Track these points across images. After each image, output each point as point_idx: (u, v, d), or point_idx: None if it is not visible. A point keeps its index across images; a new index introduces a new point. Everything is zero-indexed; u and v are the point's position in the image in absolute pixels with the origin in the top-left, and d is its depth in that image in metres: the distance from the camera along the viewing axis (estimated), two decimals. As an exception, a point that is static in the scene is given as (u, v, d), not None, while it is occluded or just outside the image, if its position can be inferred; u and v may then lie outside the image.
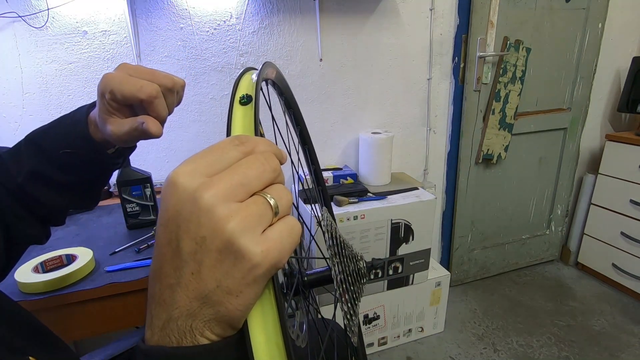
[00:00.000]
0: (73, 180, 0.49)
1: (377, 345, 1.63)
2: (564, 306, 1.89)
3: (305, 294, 0.41)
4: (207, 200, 0.22)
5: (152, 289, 0.24)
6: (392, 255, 1.47)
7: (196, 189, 0.22)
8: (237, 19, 1.35)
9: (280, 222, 0.24)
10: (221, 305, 0.22)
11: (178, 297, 0.23)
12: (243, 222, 0.22)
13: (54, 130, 0.48)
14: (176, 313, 0.23)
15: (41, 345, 0.41)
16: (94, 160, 0.49)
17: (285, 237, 0.24)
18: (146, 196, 1.06)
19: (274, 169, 0.25)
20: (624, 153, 1.84)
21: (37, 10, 1.14)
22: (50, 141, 0.47)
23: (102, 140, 0.47)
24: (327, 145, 1.64)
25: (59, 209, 0.53)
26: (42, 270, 0.83)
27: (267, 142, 0.27)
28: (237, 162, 0.25)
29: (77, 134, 0.47)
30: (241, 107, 0.31)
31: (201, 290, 0.22)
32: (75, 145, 0.47)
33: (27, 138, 0.48)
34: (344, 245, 0.41)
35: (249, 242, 0.22)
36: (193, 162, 0.24)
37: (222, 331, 0.23)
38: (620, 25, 1.91)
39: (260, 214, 0.23)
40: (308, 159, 0.55)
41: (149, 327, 0.24)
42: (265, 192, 0.24)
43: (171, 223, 0.23)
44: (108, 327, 0.87)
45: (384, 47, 1.57)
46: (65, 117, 0.49)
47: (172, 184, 0.23)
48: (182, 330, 0.23)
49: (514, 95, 1.76)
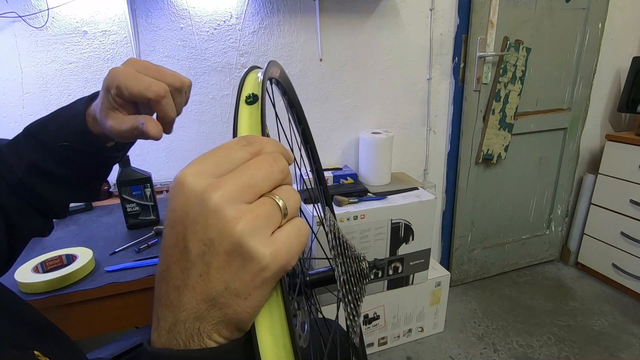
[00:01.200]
0: (72, 174, 0.49)
1: (377, 345, 1.63)
2: (564, 306, 1.89)
3: (308, 294, 0.41)
4: (215, 202, 0.21)
5: (158, 291, 0.24)
6: (392, 255, 1.46)
7: (204, 189, 0.22)
8: (237, 19, 1.35)
9: (288, 224, 0.24)
10: (229, 307, 0.22)
11: (185, 299, 0.22)
12: (252, 224, 0.22)
13: (52, 122, 0.47)
14: (183, 315, 0.22)
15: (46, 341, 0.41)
16: (92, 154, 0.48)
17: (293, 239, 0.24)
18: (146, 196, 1.06)
19: (282, 170, 0.25)
20: (624, 153, 1.84)
21: (37, 10, 1.14)
22: (48, 134, 0.46)
23: (100, 134, 0.46)
24: (327, 145, 1.64)
25: (60, 202, 0.52)
26: (42, 270, 0.82)
27: (275, 142, 0.27)
28: (245, 162, 0.24)
29: (75, 126, 0.46)
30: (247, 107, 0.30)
31: (209, 292, 0.22)
32: (73, 138, 0.46)
33: (26, 130, 0.47)
34: (347, 246, 0.40)
35: (258, 244, 0.22)
36: (201, 163, 0.23)
37: (230, 334, 0.23)
38: (620, 25, 1.91)
39: (268, 215, 0.23)
40: (310, 159, 0.55)
41: (156, 329, 0.24)
42: (274, 194, 0.24)
43: (178, 224, 0.22)
44: (108, 327, 0.87)
45: (384, 47, 1.57)
46: (63, 109, 0.48)
47: (180, 185, 0.22)
48: (190, 332, 0.22)
49: (514, 95, 1.76)
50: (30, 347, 0.35)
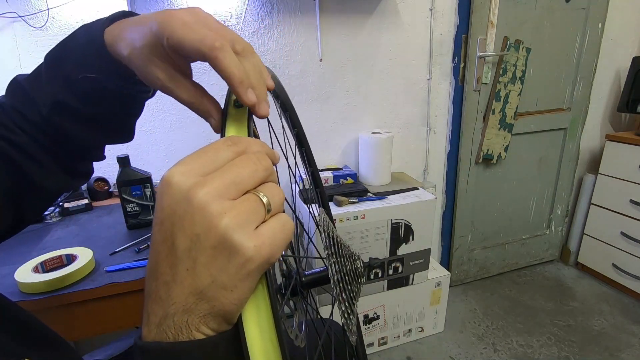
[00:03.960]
0: (101, 112, 0.42)
1: (377, 345, 1.63)
2: (564, 306, 1.89)
3: (304, 294, 0.41)
4: (201, 198, 0.22)
5: (148, 287, 0.25)
6: (392, 255, 1.47)
7: (190, 187, 0.23)
8: (237, 19, 1.35)
9: (272, 219, 0.25)
10: (216, 300, 0.23)
11: (174, 294, 0.23)
12: (236, 219, 0.23)
13: (71, 46, 0.40)
14: (172, 309, 0.23)
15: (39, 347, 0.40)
16: (119, 87, 0.41)
17: (277, 232, 0.24)
18: (146, 196, 1.06)
19: (266, 168, 0.26)
20: (624, 153, 1.84)
21: (37, 10, 1.14)
22: (70, 62, 0.39)
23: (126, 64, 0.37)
24: (327, 145, 1.64)
25: (94, 143, 0.46)
26: (42, 270, 0.83)
27: (260, 142, 0.28)
28: (230, 161, 0.25)
29: (95, 52, 0.38)
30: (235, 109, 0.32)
31: (196, 286, 0.23)
32: (95, 66, 0.38)
33: (47, 59, 0.41)
34: (341, 245, 0.41)
35: (243, 237, 0.23)
36: (187, 163, 0.24)
37: (218, 326, 0.24)
38: (620, 25, 1.91)
39: (252, 210, 0.24)
40: (305, 162, 0.56)
41: (146, 324, 0.24)
42: (258, 190, 0.25)
43: (166, 221, 0.23)
44: (108, 327, 0.87)
45: (384, 47, 1.57)
46: (81, 28, 0.40)
47: (167, 184, 0.23)
48: (179, 325, 0.23)
49: (514, 95, 1.76)
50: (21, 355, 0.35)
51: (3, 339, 0.36)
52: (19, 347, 0.37)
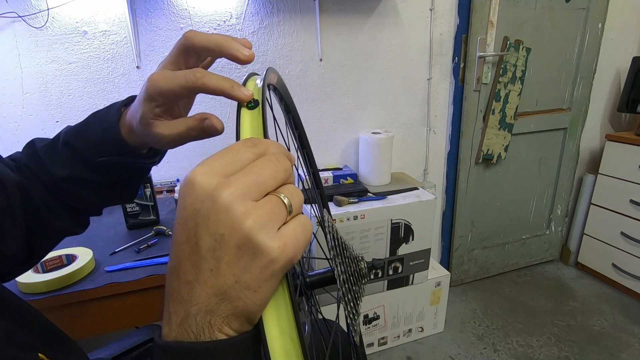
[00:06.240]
0: (111, 180, 0.47)
1: (377, 345, 1.63)
2: (564, 306, 1.89)
3: (308, 295, 0.41)
4: (225, 199, 0.23)
5: (169, 286, 0.25)
6: (392, 255, 1.47)
7: (214, 188, 0.23)
8: (237, 19, 1.35)
9: (294, 220, 0.25)
10: (239, 300, 0.23)
11: (196, 294, 0.23)
12: (260, 219, 0.23)
13: (88, 133, 0.45)
14: (194, 309, 0.23)
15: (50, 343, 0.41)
16: (132, 163, 0.47)
17: (299, 233, 0.25)
18: (146, 196, 1.06)
19: (286, 170, 0.26)
20: (624, 153, 1.84)
21: (37, 10, 1.14)
22: (87, 147, 0.44)
23: (137, 144, 0.44)
24: (327, 145, 1.64)
25: (97, 203, 0.51)
26: (42, 270, 0.83)
27: (278, 144, 0.28)
28: (252, 163, 0.26)
29: (112, 139, 0.43)
30: (249, 112, 0.32)
31: (220, 286, 0.23)
32: (111, 151, 0.44)
33: (64, 141, 0.45)
34: (345, 247, 0.41)
35: (267, 237, 0.23)
36: (210, 163, 0.25)
37: (240, 326, 0.24)
38: (620, 25, 1.91)
39: (275, 212, 0.24)
40: (307, 162, 0.56)
41: (167, 323, 0.25)
42: (279, 192, 0.25)
43: (190, 221, 0.23)
44: (108, 327, 0.87)
45: (384, 47, 1.57)
46: (95, 117, 0.45)
47: (191, 184, 0.24)
48: (201, 326, 0.23)
49: (514, 95, 1.76)
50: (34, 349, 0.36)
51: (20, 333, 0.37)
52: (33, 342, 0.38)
